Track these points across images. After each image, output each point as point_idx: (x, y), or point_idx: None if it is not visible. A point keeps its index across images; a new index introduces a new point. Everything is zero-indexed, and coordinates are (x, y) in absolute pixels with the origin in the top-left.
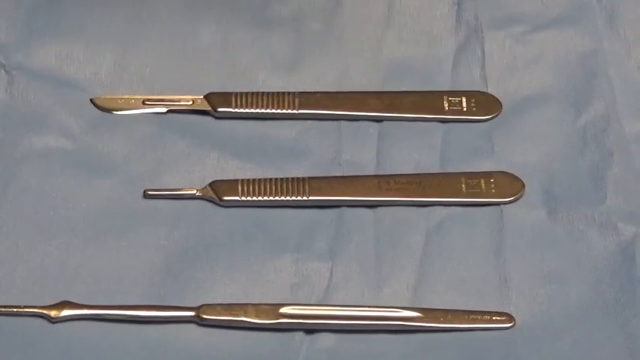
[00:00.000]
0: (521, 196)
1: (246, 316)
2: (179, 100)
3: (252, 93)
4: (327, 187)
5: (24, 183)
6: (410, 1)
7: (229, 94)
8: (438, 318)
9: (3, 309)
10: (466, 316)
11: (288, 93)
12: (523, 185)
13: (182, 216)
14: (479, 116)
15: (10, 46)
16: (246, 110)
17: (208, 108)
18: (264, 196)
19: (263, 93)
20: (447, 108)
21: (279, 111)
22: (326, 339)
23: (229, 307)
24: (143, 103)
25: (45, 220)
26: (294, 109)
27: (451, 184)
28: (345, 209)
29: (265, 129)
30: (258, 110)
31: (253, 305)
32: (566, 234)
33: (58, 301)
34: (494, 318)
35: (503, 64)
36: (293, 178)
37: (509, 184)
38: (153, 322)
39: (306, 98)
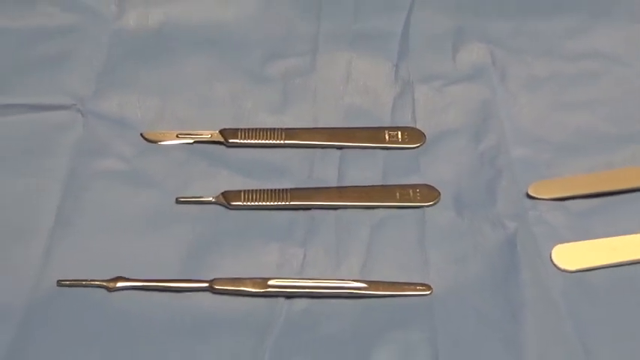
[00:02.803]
0: (438, 202)
1: (244, 287)
2: (202, 134)
3: (253, 129)
4: (303, 195)
5: (92, 194)
6: (362, 64)
7: (237, 129)
8: (378, 287)
9: (76, 282)
10: (397, 286)
11: (278, 129)
12: (439, 194)
13: (202, 216)
14: (409, 145)
15: (85, 97)
16: (249, 141)
17: (222, 140)
18: (259, 201)
19: (261, 129)
20: (387, 139)
21: (271, 141)
22: (300, 302)
23: (233, 280)
24: (177, 136)
25: (106, 220)
26: (281, 140)
27: (389, 193)
28: (315, 211)
29: (262, 155)
30: (257, 141)
31: (250, 279)
32: (469, 229)
33: (114, 276)
34: (417, 287)
35: (427, 108)
36: (280, 189)
37: (430, 193)
38: (179, 290)
39: (290, 133)
